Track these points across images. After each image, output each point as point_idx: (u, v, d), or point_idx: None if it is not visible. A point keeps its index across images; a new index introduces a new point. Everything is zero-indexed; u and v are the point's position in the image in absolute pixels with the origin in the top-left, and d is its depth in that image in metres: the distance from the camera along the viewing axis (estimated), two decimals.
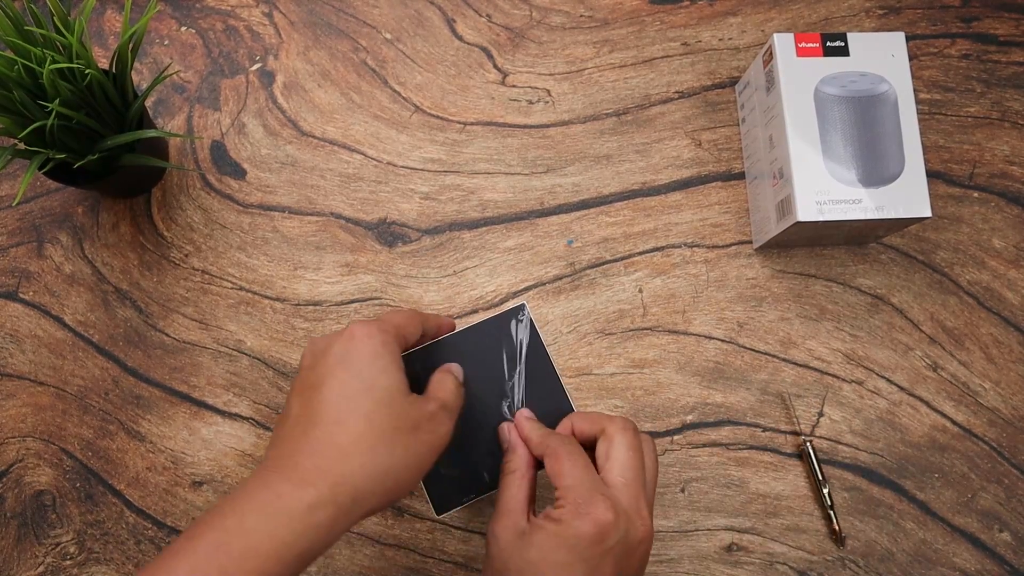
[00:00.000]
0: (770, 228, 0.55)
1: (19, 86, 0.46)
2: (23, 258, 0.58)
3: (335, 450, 0.36)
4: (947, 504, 0.54)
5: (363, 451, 0.36)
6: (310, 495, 0.34)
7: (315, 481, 0.35)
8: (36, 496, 0.54)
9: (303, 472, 0.35)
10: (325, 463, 0.36)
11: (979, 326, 0.57)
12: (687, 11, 0.62)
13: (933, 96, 0.60)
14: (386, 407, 0.37)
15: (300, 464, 0.36)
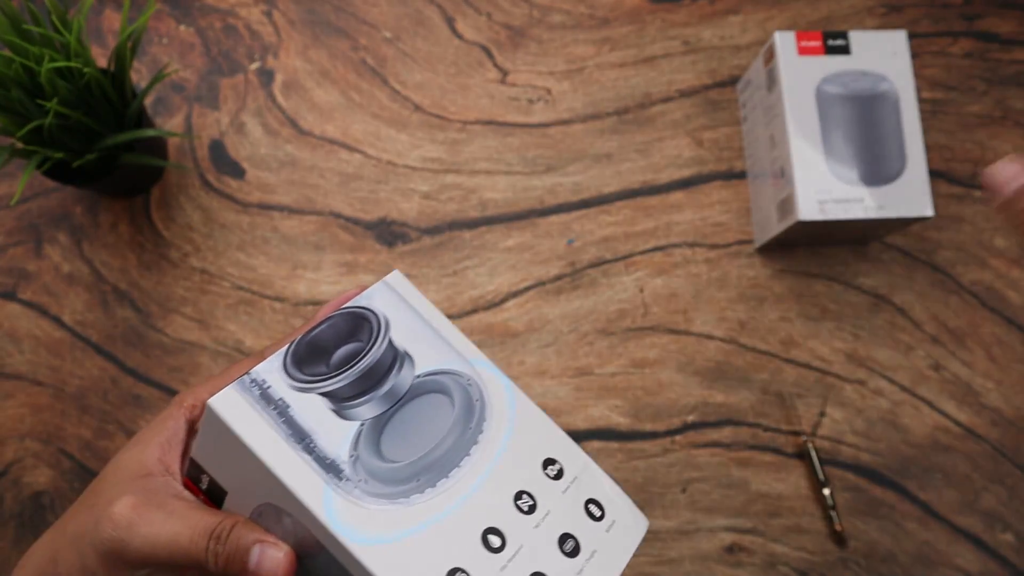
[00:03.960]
0: (771, 227, 0.55)
1: (17, 85, 0.46)
2: (21, 258, 0.57)
3: None
4: (949, 504, 0.54)
5: (57, 521, 0.32)
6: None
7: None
8: (34, 496, 0.54)
9: None
10: None
11: (981, 326, 0.57)
12: (688, 9, 0.62)
13: (935, 95, 0.60)
14: (99, 479, 0.32)
15: None
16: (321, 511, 0.26)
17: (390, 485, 0.27)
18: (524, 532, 0.29)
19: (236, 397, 0.26)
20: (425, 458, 0.28)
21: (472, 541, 0.28)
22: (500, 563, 0.28)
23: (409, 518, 0.27)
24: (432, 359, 0.31)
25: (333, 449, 0.27)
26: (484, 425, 0.30)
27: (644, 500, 0.54)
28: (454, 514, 0.28)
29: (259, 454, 0.26)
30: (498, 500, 0.29)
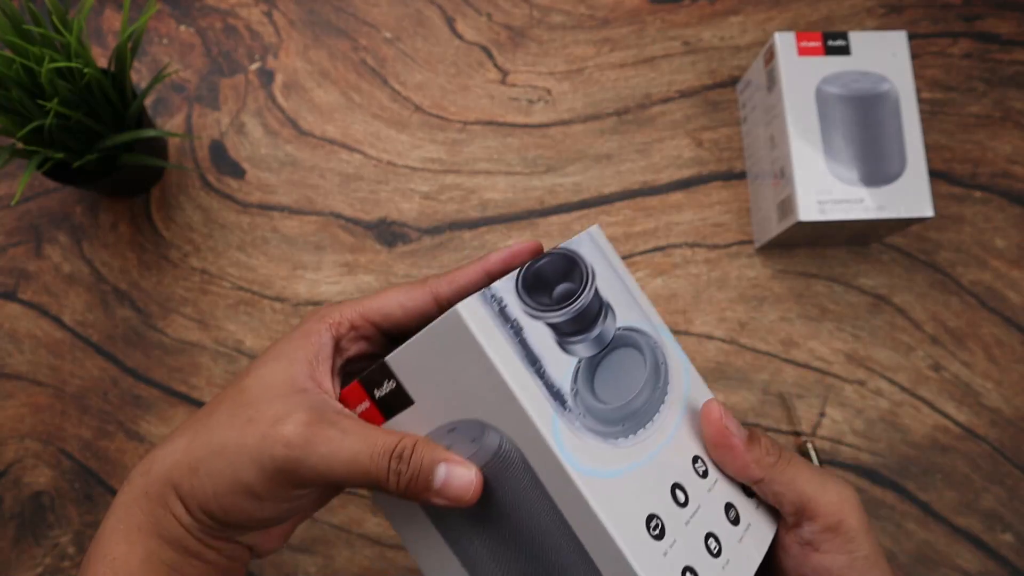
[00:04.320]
0: (771, 228, 0.55)
1: (17, 85, 0.46)
2: (21, 258, 0.57)
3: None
4: (949, 505, 0.54)
5: (185, 428, 0.30)
6: (124, 491, 0.29)
7: (133, 476, 0.30)
8: (34, 497, 0.54)
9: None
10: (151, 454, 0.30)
11: (981, 326, 0.57)
12: (688, 10, 0.62)
13: (935, 95, 0.60)
14: (240, 391, 0.29)
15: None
16: (549, 434, 0.25)
17: (602, 424, 0.28)
18: (701, 493, 0.29)
19: (481, 308, 0.26)
20: (629, 405, 0.29)
21: (663, 492, 0.28)
22: (684, 517, 0.28)
23: (616, 459, 0.27)
24: (626, 316, 0.31)
25: (559, 378, 0.27)
26: (668, 388, 0.31)
27: None
28: (649, 464, 0.28)
29: (499, 367, 0.25)
30: (680, 460, 0.29)
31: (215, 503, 0.28)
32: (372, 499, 0.37)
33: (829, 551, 0.29)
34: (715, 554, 0.28)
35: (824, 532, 0.28)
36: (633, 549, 0.26)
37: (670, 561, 0.27)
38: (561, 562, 0.27)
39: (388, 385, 0.28)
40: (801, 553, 0.29)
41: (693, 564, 0.28)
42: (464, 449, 0.27)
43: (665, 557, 0.27)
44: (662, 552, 0.27)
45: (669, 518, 0.28)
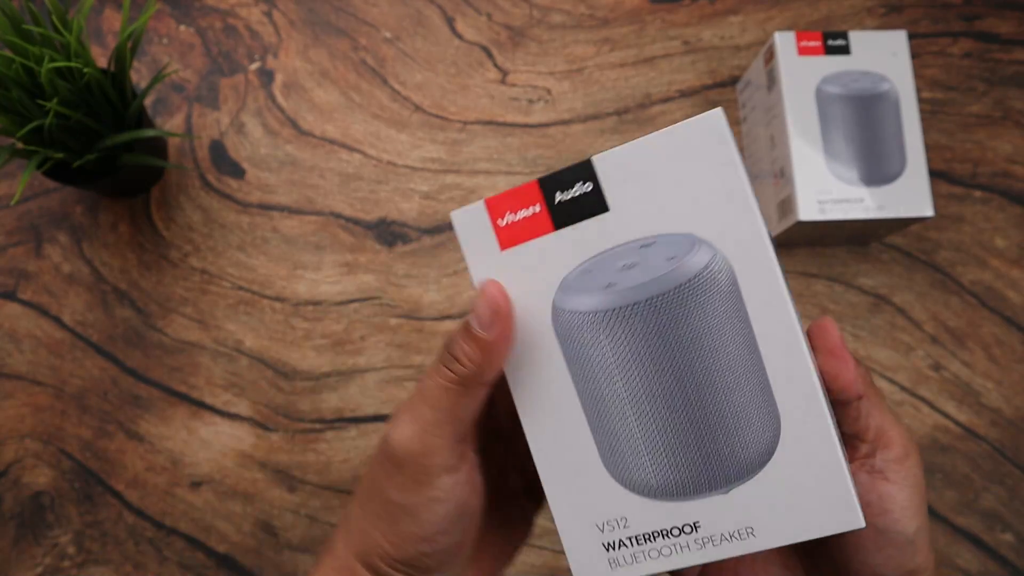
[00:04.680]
0: (771, 228, 0.55)
1: (17, 85, 0.46)
2: (21, 258, 0.57)
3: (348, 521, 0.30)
4: (949, 504, 0.54)
5: (360, 504, 0.30)
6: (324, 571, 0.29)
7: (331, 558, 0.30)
8: (34, 497, 0.54)
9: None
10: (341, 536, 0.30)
11: (981, 326, 0.57)
12: (688, 10, 0.62)
13: (935, 95, 0.60)
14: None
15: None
16: (771, 250, 0.24)
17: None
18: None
19: (724, 117, 0.24)
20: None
21: None
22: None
23: None
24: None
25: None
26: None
27: None
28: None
29: (743, 175, 0.24)
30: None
31: (387, 544, 0.27)
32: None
33: (897, 481, 0.28)
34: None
35: (895, 462, 0.28)
36: (822, 389, 0.25)
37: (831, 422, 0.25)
38: (729, 403, 0.25)
39: (580, 188, 0.25)
40: (870, 481, 0.28)
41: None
42: (652, 268, 0.24)
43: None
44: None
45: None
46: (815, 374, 0.25)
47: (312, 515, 0.54)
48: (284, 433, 0.55)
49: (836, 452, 0.25)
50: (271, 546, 0.53)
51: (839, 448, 0.25)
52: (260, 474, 0.55)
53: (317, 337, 0.57)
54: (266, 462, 0.55)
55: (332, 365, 0.56)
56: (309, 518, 0.54)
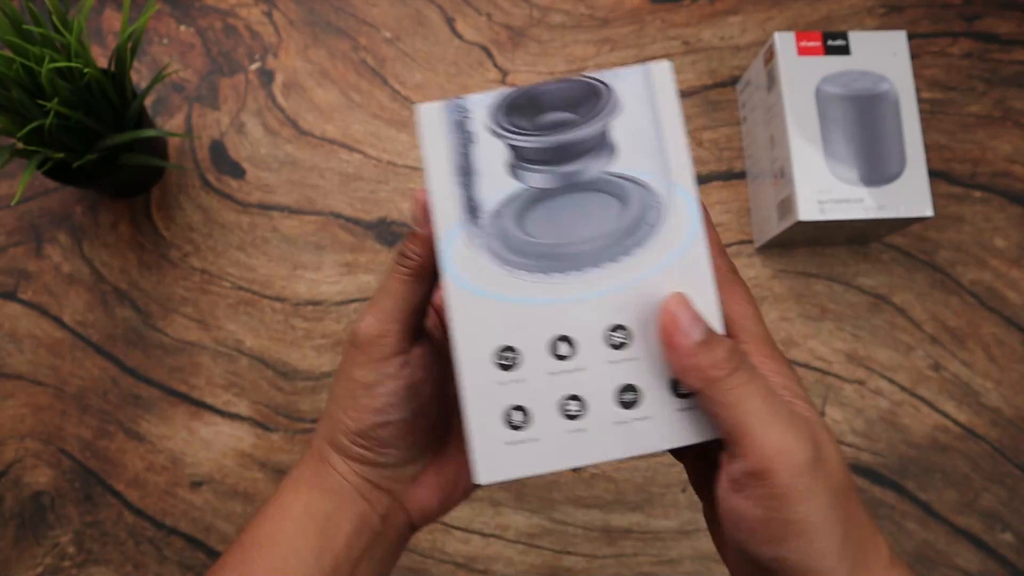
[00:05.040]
0: (771, 228, 0.55)
1: (17, 85, 0.46)
2: (21, 258, 0.57)
3: None
4: (949, 504, 0.54)
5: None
6: (302, 459, 0.34)
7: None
8: (35, 496, 0.54)
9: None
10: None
11: (981, 326, 0.57)
12: (688, 10, 0.62)
13: (935, 95, 0.60)
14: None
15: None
16: (444, 234, 0.28)
17: (512, 252, 0.28)
18: (596, 360, 0.28)
19: (439, 114, 0.29)
20: (562, 248, 0.28)
21: (544, 336, 0.28)
22: (552, 368, 0.28)
23: (508, 286, 0.28)
24: (635, 164, 0.29)
25: (484, 195, 0.28)
26: (637, 250, 0.28)
27: (644, 500, 0.54)
28: (547, 306, 0.28)
29: (427, 166, 0.28)
30: (594, 319, 0.28)
31: (348, 418, 0.31)
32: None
33: (749, 498, 0.25)
34: (569, 415, 0.28)
35: (748, 476, 0.25)
36: (468, 358, 0.28)
37: (504, 391, 0.28)
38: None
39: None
40: (726, 491, 0.26)
41: (530, 408, 0.28)
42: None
43: (500, 386, 0.28)
44: (498, 380, 0.28)
45: (532, 359, 0.28)
46: (459, 339, 0.28)
47: None
48: (284, 433, 0.55)
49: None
50: None
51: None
52: (260, 474, 0.55)
53: (317, 337, 0.57)
54: (266, 462, 0.55)
55: (332, 365, 0.56)
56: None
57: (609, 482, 0.54)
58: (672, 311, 0.27)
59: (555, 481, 0.54)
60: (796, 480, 0.24)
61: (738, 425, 0.25)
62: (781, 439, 0.25)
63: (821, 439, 0.26)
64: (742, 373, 0.26)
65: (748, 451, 0.25)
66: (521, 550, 0.53)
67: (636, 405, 0.28)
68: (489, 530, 0.54)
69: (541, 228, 0.28)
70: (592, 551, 0.53)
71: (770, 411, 0.25)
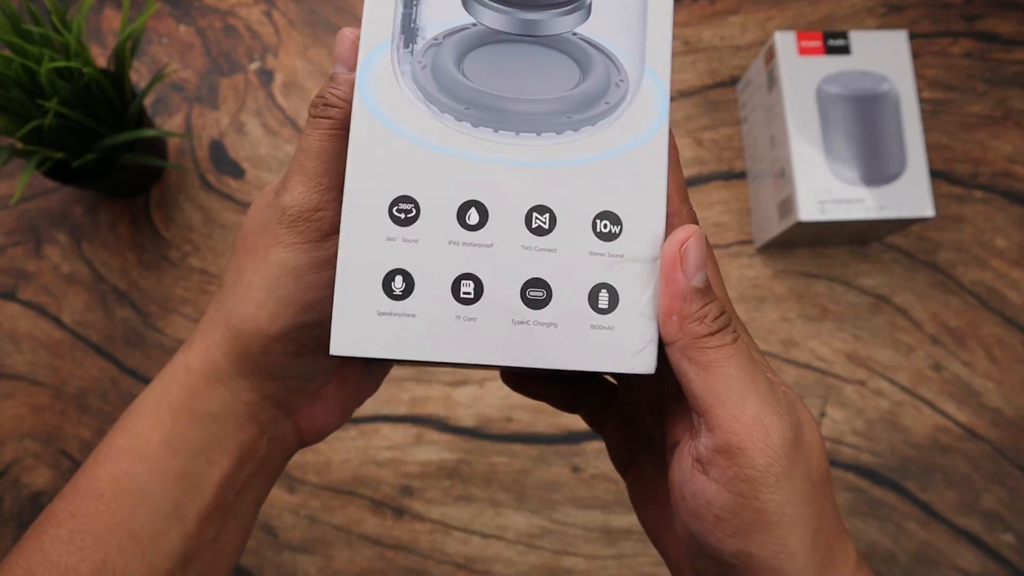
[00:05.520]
0: (772, 228, 0.55)
1: (17, 85, 0.46)
2: (21, 258, 0.57)
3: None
4: (950, 505, 0.54)
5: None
6: (164, 370, 0.28)
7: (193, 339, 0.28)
8: (34, 497, 0.54)
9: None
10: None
11: (981, 326, 0.57)
12: (688, 10, 0.62)
13: (936, 95, 0.60)
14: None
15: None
16: (364, 53, 0.24)
17: (439, 90, 0.24)
18: (507, 240, 0.24)
19: None
20: (498, 101, 0.24)
21: (453, 194, 0.23)
22: (457, 236, 0.23)
23: (425, 128, 0.24)
24: (609, 33, 0.25)
25: (427, 20, 0.24)
26: (587, 128, 0.24)
27: None
28: (461, 160, 0.24)
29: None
30: (517, 193, 0.24)
31: (264, 316, 0.25)
32: None
33: (716, 479, 0.22)
34: (461, 298, 0.23)
35: (717, 453, 0.21)
36: (358, 200, 0.23)
37: (391, 249, 0.23)
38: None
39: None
40: (688, 471, 0.23)
41: (417, 276, 0.23)
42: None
43: (388, 242, 0.23)
44: (387, 235, 0.23)
45: (433, 219, 0.23)
46: (353, 178, 0.24)
47: (312, 515, 0.54)
48: None
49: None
50: (271, 546, 0.53)
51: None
52: None
53: None
54: None
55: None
56: (309, 518, 0.54)
57: (609, 482, 0.54)
58: (684, 242, 0.23)
59: (555, 482, 0.54)
60: (773, 463, 0.21)
61: (711, 391, 0.22)
62: (758, 413, 0.21)
63: (803, 420, 0.22)
64: (727, 334, 0.22)
65: (720, 424, 0.21)
66: (521, 551, 0.53)
67: (543, 306, 0.24)
68: (489, 531, 0.53)
69: (482, 73, 0.24)
70: (592, 552, 0.53)
71: (751, 380, 0.22)
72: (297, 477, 0.54)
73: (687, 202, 0.25)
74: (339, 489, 0.54)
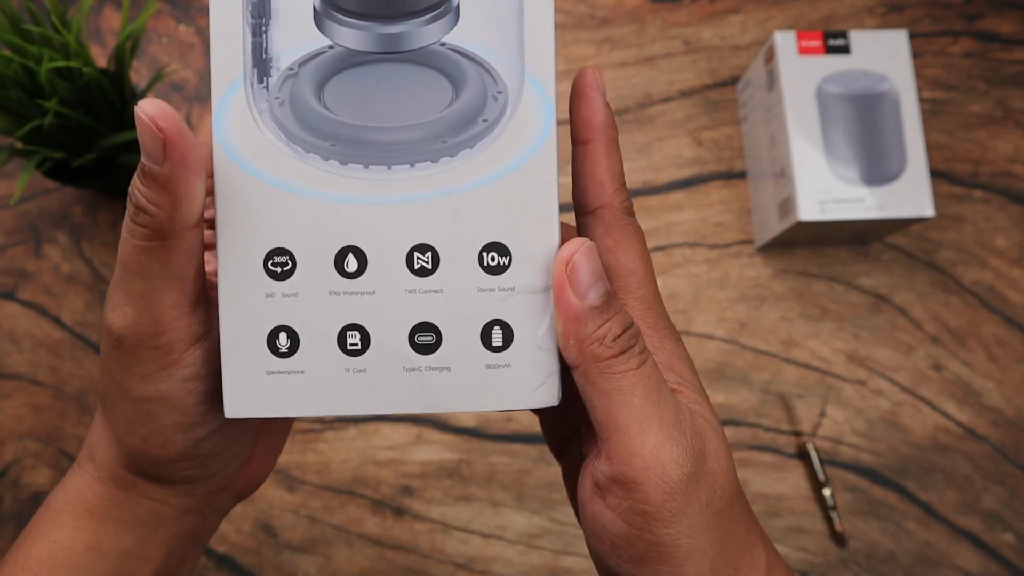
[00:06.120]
0: (772, 227, 0.55)
1: (16, 85, 0.46)
2: (21, 258, 0.57)
3: None
4: (950, 505, 0.54)
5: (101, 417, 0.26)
6: (71, 476, 0.25)
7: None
8: (34, 497, 0.54)
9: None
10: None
11: (982, 326, 0.57)
12: (688, 9, 0.62)
13: (936, 95, 0.60)
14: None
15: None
16: (219, 92, 0.22)
17: (300, 127, 0.22)
18: (390, 285, 0.22)
19: None
20: (368, 132, 0.22)
21: (329, 243, 0.22)
22: (337, 287, 0.22)
23: (288, 171, 0.22)
24: (482, 39, 0.22)
25: (279, 48, 0.22)
26: (465, 152, 0.23)
27: None
28: (334, 203, 0.22)
29: (212, 2, 0.21)
30: (395, 233, 0.22)
31: (155, 446, 0.23)
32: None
33: (612, 507, 0.21)
34: (348, 349, 0.22)
35: (613, 482, 0.21)
36: (232, 256, 0.22)
37: (271, 306, 0.22)
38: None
39: None
40: (589, 493, 0.22)
41: (301, 332, 0.22)
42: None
43: (267, 299, 0.22)
44: (266, 291, 0.22)
45: (310, 270, 0.22)
46: (224, 233, 0.22)
47: (312, 515, 0.54)
48: None
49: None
50: (271, 546, 0.53)
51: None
52: None
53: None
54: None
55: None
56: (309, 518, 0.54)
57: None
58: (571, 259, 0.21)
59: (555, 482, 0.54)
60: (668, 500, 0.20)
61: (610, 419, 0.21)
62: (657, 447, 0.20)
63: (707, 447, 0.21)
64: (631, 357, 0.21)
65: (617, 454, 0.21)
66: (521, 551, 0.53)
67: (433, 350, 0.22)
68: (489, 531, 0.53)
69: (345, 102, 0.22)
70: None
71: (653, 410, 0.21)
72: (297, 477, 0.54)
73: (622, 190, 0.23)
74: (339, 489, 0.54)
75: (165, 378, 0.22)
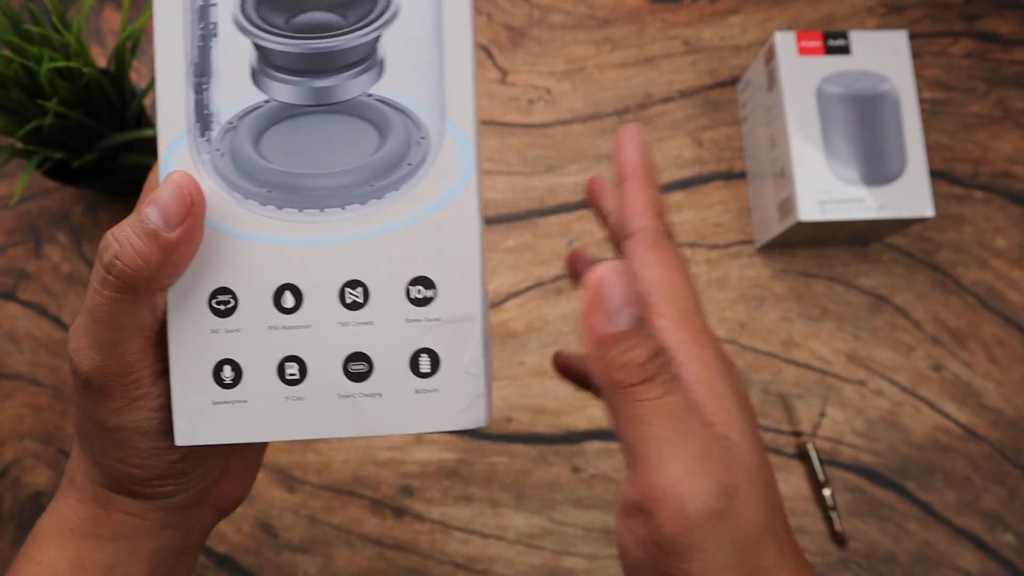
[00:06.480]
0: (772, 228, 0.55)
1: (17, 85, 0.46)
2: (21, 258, 0.57)
3: None
4: (950, 505, 0.54)
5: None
6: (54, 502, 0.27)
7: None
8: (34, 497, 0.54)
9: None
10: None
11: (982, 326, 0.57)
12: (688, 10, 0.62)
13: (936, 95, 0.60)
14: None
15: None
16: (165, 146, 0.24)
17: (240, 176, 0.24)
18: (324, 319, 0.24)
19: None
20: (301, 178, 0.24)
21: (267, 282, 0.24)
22: (276, 322, 0.24)
23: (230, 216, 0.24)
24: (404, 88, 0.24)
25: (219, 104, 0.24)
26: (391, 195, 0.24)
27: None
28: (272, 245, 0.24)
29: (157, 54, 0.23)
30: (328, 271, 0.24)
31: (133, 468, 0.25)
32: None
33: (633, 530, 0.21)
34: (287, 379, 0.24)
35: (634, 507, 0.21)
36: (179, 296, 0.24)
37: (216, 341, 0.24)
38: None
39: None
40: (620, 512, 0.22)
41: (243, 364, 0.24)
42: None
43: (212, 335, 0.24)
44: (211, 327, 0.24)
45: (250, 308, 0.24)
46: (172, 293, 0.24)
47: (312, 515, 0.54)
48: None
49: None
50: (271, 546, 0.53)
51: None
52: (260, 474, 0.55)
53: None
54: (266, 462, 0.55)
55: None
56: (309, 518, 0.54)
57: (609, 482, 0.54)
58: (601, 282, 0.21)
59: (555, 482, 0.54)
60: (683, 535, 0.20)
61: (635, 447, 0.21)
62: (678, 481, 0.20)
63: (736, 481, 0.21)
64: (656, 385, 0.21)
65: (638, 481, 0.20)
66: (521, 551, 0.53)
67: (365, 378, 0.24)
68: (489, 531, 0.53)
69: (279, 152, 0.24)
70: (592, 552, 0.53)
71: (678, 441, 0.20)
72: (297, 477, 0.54)
73: (662, 216, 0.24)
74: (339, 489, 0.54)
75: (135, 409, 0.24)
